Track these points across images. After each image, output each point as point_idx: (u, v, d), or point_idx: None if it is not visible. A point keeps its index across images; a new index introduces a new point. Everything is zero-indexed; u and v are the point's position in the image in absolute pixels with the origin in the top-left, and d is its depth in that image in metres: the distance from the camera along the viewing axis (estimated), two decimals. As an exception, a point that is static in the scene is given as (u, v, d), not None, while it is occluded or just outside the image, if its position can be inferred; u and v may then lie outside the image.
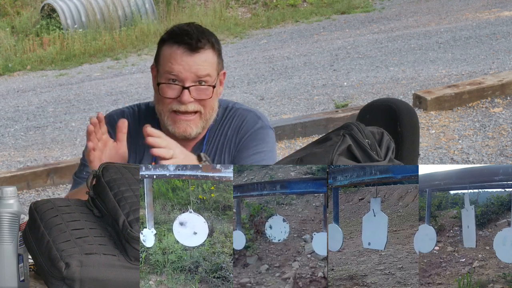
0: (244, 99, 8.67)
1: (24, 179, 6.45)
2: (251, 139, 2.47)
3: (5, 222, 1.76)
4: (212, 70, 2.38)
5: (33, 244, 1.64)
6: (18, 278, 1.77)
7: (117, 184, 1.66)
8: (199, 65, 2.35)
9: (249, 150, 2.45)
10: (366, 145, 1.89)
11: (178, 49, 2.36)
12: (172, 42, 2.39)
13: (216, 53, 2.42)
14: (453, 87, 7.39)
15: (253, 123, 2.49)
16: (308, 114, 7.51)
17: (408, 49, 10.44)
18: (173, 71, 2.36)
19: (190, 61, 2.35)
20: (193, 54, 2.35)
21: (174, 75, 2.36)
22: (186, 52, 2.36)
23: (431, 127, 6.80)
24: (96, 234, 1.59)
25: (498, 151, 6.14)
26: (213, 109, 2.42)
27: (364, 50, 10.81)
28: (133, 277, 1.54)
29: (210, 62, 2.38)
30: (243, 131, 2.48)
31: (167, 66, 2.38)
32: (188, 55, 2.35)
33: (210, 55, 2.39)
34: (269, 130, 2.51)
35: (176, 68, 2.36)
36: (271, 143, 2.50)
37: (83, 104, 9.62)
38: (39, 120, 9.08)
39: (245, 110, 2.53)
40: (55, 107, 9.63)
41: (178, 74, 2.35)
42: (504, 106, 7.11)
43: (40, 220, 1.63)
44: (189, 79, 2.35)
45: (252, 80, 9.86)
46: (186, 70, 2.35)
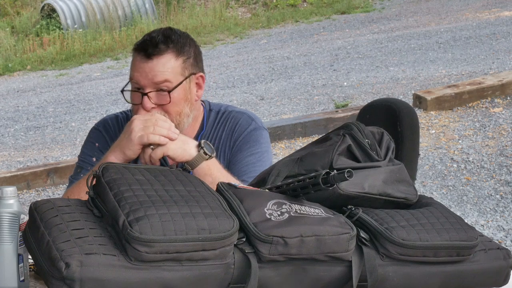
0: (244, 99, 8.67)
1: (24, 179, 6.45)
2: (245, 141, 2.46)
3: (5, 222, 1.75)
4: (172, 75, 2.35)
5: (33, 244, 1.64)
6: (18, 278, 1.77)
7: (117, 184, 1.66)
8: (155, 71, 2.34)
9: (243, 152, 2.44)
10: (366, 145, 1.89)
11: (137, 56, 2.38)
12: (135, 49, 2.40)
13: (182, 57, 2.38)
14: (453, 87, 7.38)
15: (246, 125, 2.48)
16: (308, 114, 7.51)
17: (408, 49, 10.44)
18: (134, 78, 2.37)
19: (146, 68, 2.34)
20: (148, 60, 2.34)
21: (135, 83, 2.37)
22: (142, 59, 2.36)
23: (431, 127, 6.80)
24: (96, 234, 1.59)
25: (498, 151, 6.13)
26: (181, 114, 2.39)
27: (364, 50, 10.81)
28: (133, 277, 1.54)
29: (168, 67, 2.35)
30: (236, 134, 2.47)
31: (130, 74, 2.40)
32: (144, 62, 2.35)
33: (169, 60, 2.35)
34: (262, 131, 2.50)
35: (135, 76, 2.36)
36: (265, 144, 2.49)
37: (83, 104, 9.62)
38: (39, 120, 9.08)
39: (238, 112, 2.52)
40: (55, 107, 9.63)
41: (137, 81, 2.36)
42: (504, 106, 7.11)
43: (40, 220, 1.63)
44: (147, 86, 2.35)
45: (252, 80, 9.86)
46: (143, 77, 2.34)
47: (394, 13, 13.90)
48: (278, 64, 10.66)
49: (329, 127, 6.80)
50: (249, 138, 2.46)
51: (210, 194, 1.69)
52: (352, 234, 1.67)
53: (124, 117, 2.52)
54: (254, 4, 15.74)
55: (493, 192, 5.46)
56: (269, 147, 2.50)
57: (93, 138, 2.51)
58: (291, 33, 13.35)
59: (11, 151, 7.81)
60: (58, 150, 7.61)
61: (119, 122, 2.51)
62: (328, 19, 14.14)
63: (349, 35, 12.35)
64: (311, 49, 11.53)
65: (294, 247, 1.63)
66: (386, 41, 11.25)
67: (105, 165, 1.73)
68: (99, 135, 2.49)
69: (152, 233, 1.54)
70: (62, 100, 10.03)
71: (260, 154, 2.42)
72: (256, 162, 2.40)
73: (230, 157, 2.46)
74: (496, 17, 12.10)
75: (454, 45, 10.34)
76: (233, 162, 2.43)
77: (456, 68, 8.96)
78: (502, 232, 4.85)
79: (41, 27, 14.41)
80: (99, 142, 2.47)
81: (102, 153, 2.41)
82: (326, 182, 1.67)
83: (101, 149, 2.45)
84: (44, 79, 11.89)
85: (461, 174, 5.82)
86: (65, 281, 1.52)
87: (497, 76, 7.64)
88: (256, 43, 12.83)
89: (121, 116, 2.53)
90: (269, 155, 2.48)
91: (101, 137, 2.49)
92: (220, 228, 1.59)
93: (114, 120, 2.52)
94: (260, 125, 2.50)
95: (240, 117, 2.50)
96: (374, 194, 1.82)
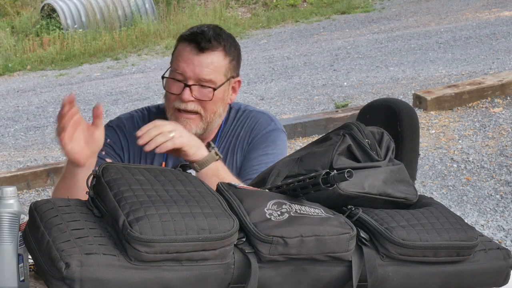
0: (244, 99, 8.67)
1: (24, 179, 6.45)
2: (262, 140, 2.46)
3: (5, 222, 1.75)
4: (217, 74, 2.36)
5: (33, 244, 1.63)
6: (18, 278, 1.77)
7: (117, 184, 1.65)
8: (204, 66, 2.34)
9: (258, 151, 2.44)
10: (366, 145, 1.89)
11: (187, 47, 2.37)
12: (184, 40, 2.39)
13: (229, 58, 2.39)
14: (453, 87, 7.38)
15: (266, 124, 2.49)
16: (308, 114, 7.51)
17: (408, 49, 10.44)
18: (179, 69, 2.36)
19: (195, 61, 2.35)
20: (200, 53, 2.35)
21: (179, 73, 2.36)
22: (193, 50, 2.35)
23: (431, 127, 6.80)
24: (96, 234, 1.59)
25: (498, 151, 6.13)
26: (215, 113, 2.39)
27: (364, 50, 10.81)
28: (133, 277, 1.54)
29: (216, 66, 2.36)
30: (255, 132, 2.47)
31: (175, 63, 2.39)
32: (195, 54, 2.35)
33: (218, 59, 2.36)
34: (281, 133, 2.50)
35: (181, 66, 2.36)
36: (282, 146, 2.48)
37: (83, 104, 9.62)
38: (39, 120, 9.08)
39: (258, 112, 2.53)
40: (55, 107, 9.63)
41: (183, 72, 2.35)
42: (504, 106, 7.11)
43: (40, 220, 1.63)
44: (192, 78, 2.35)
45: (252, 80, 9.86)
46: (191, 69, 2.34)
47: (394, 13, 13.89)
48: (278, 64, 10.66)
49: (329, 127, 6.80)
50: (266, 138, 2.46)
51: (210, 194, 1.69)
52: (352, 234, 1.67)
53: (140, 116, 2.51)
54: (254, 4, 15.74)
55: (493, 192, 5.46)
56: (284, 151, 2.49)
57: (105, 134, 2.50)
58: (291, 33, 13.34)
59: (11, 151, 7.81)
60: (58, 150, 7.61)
61: (135, 121, 2.49)
62: (328, 19, 14.14)
63: (349, 35, 12.35)
64: (311, 49, 11.53)
65: (294, 247, 1.63)
66: (386, 41, 11.25)
67: (105, 165, 1.73)
68: (111, 131, 2.48)
69: (152, 233, 1.54)
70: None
71: (275, 156, 2.41)
72: (269, 162, 2.38)
73: (245, 153, 2.46)
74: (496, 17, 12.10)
75: (454, 45, 10.34)
76: (248, 159, 2.43)
77: (456, 68, 8.96)
78: (502, 232, 4.85)
79: (41, 27, 14.41)
80: (111, 138, 2.46)
81: (111, 148, 2.43)
82: (326, 182, 1.67)
83: (112, 144, 2.45)
84: (44, 79, 11.89)
85: (461, 174, 5.82)
86: (65, 281, 1.52)
87: (497, 76, 7.64)
88: (256, 43, 12.83)
89: (137, 115, 2.52)
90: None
91: (113, 133, 2.48)
92: (220, 228, 1.59)
93: (129, 119, 2.50)
94: (279, 127, 2.51)
95: (260, 116, 2.51)
96: (374, 194, 1.82)
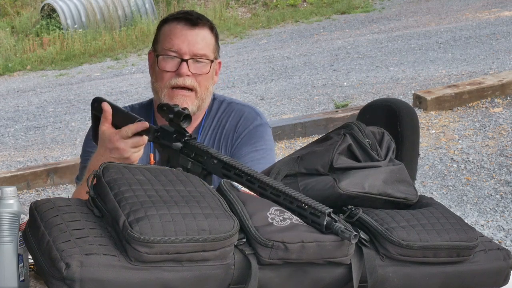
0: (244, 99, 8.67)
1: (24, 179, 6.45)
2: (249, 136, 2.46)
3: (5, 222, 1.75)
4: (209, 51, 2.41)
5: (33, 244, 1.63)
6: (18, 278, 1.76)
7: (118, 184, 1.65)
8: (198, 42, 2.39)
9: (248, 147, 2.44)
10: (367, 145, 1.89)
11: (178, 24, 2.41)
12: (172, 20, 2.44)
13: (214, 37, 2.45)
14: (453, 87, 7.39)
15: (252, 119, 2.48)
16: (308, 114, 7.52)
17: (408, 49, 10.44)
18: (173, 46, 2.39)
19: (189, 36, 2.39)
20: (192, 28, 2.40)
21: (173, 51, 2.39)
22: (186, 26, 2.40)
23: (431, 127, 6.80)
24: (96, 234, 1.59)
25: (498, 151, 6.14)
26: (208, 90, 2.43)
27: (364, 50, 10.81)
28: (133, 277, 1.54)
29: (207, 42, 2.42)
30: (241, 128, 2.47)
31: (166, 42, 2.41)
32: (188, 29, 2.40)
33: (208, 35, 2.43)
34: (267, 128, 2.50)
35: (176, 42, 2.39)
36: (270, 142, 2.49)
37: (83, 104, 9.62)
38: (39, 120, 9.08)
39: (243, 105, 2.53)
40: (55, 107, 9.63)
41: (177, 48, 2.39)
42: (504, 106, 7.11)
43: (40, 220, 1.63)
44: (188, 53, 2.39)
45: (252, 80, 9.86)
46: (185, 44, 2.38)
47: (394, 13, 13.90)
48: (278, 64, 10.66)
49: (329, 127, 6.80)
50: (254, 134, 2.46)
51: (211, 195, 1.69)
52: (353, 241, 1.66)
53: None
54: (254, 4, 15.74)
55: (493, 192, 5.46)
56: (273, 145, 2.50)
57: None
58: (291, 33, 13.35)
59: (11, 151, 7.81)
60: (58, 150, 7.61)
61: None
62: (328, 19, 14.14)
63: (349, 35, 12.35)
64: (311, 49, 11.53)
65: (294, 252, 1.62)
66: (386, 41, 11.25)
67: (106, 165, 1.73)
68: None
69: (153, 234, 1.54)
70: (62, 100, 10.03)
71: (265, 151, 2.42)
72: (261, 158, 2.40)
73: (233, 150, 2.45)
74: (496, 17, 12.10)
75: (454, 45, 10.34)
76: (237, 156, 2.42)
77: (456, 68, 8.96)
78: (502, 232, 4.85)
79: (41, 27, 14.41)
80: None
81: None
82: (327, 227, 1.65)
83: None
84: (44, 79, 11.89)
85: (461, 174, 5.83)
86: (65, 282, 1.51)
87: (497, 76, 7.64)
88: (256, 43, 12.83)
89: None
90: (273, 153, 2.47)
91: None
92: (221, 228, 1.58)
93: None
94: (265, 122, 2.51)
95: (245, 110, 2.51)
96: (374, 194, 1.82)
